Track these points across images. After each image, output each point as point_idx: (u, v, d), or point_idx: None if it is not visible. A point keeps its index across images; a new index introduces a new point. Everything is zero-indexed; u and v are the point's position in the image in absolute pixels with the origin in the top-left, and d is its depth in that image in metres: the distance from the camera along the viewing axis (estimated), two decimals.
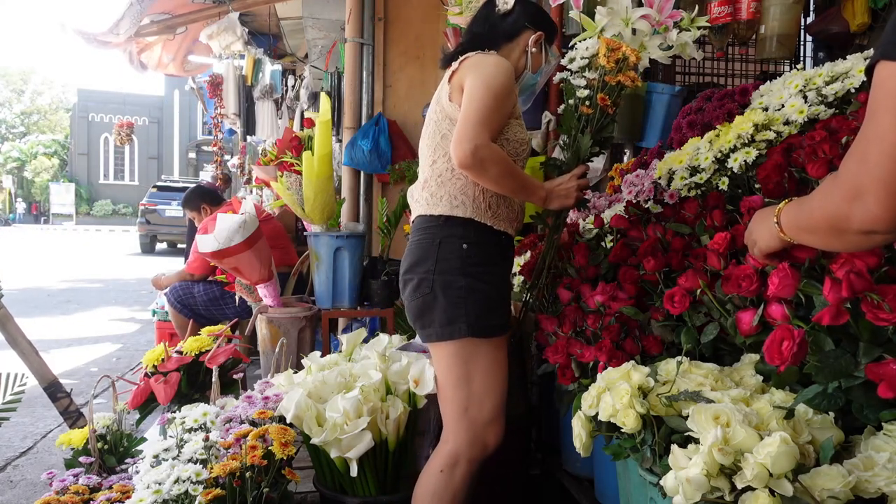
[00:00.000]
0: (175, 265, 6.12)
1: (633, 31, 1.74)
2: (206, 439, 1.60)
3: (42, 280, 9.50)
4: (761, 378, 1.25)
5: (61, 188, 30.96)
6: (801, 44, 3.24)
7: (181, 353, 2.36)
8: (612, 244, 1.81)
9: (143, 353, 2.52)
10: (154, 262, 12.02)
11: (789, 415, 1.07)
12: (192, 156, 31.48)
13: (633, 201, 1.92)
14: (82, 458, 1.87)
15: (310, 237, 2.92)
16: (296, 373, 2.01)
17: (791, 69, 1.87)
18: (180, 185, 15.74)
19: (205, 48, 5.42)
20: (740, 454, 0.98)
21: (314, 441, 1.66)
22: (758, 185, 1.50)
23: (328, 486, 1.82)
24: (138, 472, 1.58)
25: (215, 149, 6.70)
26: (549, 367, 1.79)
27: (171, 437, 1.70)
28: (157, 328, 4.20)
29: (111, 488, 1.63)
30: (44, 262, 12.55)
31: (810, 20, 3.00)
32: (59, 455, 2.73)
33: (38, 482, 2.57)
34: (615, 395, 1.22)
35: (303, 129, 3.24)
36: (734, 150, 1.61)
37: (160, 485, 1.44)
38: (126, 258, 14.11)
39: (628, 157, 2.81)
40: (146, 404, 2.24)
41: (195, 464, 1.53)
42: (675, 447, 1.07)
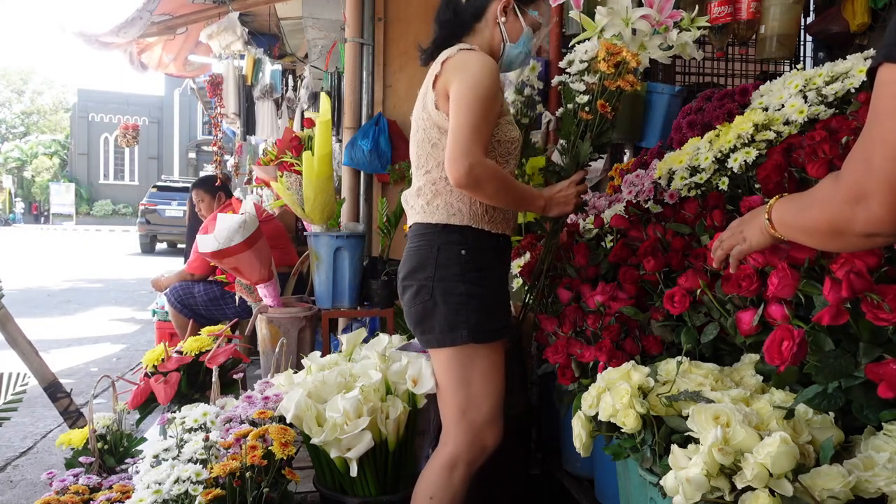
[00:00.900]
0: (175, 265, 6.13)
1: (633, 31, 1.74)
2: (206, 439, 1.60)
3: (42, 280, 9.50)
4: (761, 378, 1.25)
5: (61, 188, 30.95)
6: (801, 44, 3.24)
7: (181, 353, 2.36)
8: (612, 244, 1.81)
9: (143, 353, 2.52)
10: (154, 262, 12.03)
11: (789, 415, 1.07)
12: (192, 156, 31.48)
13: (633, 201, 1.92)
14: (82, 458, 1.87)
15: (310, 237, 2.91)
16: (296, 373, 2.01)
17: (791, 69, 1.87)
18: (180, 185, 15.74)
19: (205, 48, 5.42)
20: (740, 454, 0.98)
21: (314, 441, 1.66)
22: (758, 185, 1.50)
23: (328, 486, 1.82)
24: (138, 472, 1.58)
25: (215, 149, 6.70)
26: (549, 367, 1.80)
27: (171, 437, 1.70)
28: (157, 328, 4.20)
29: (111, 488, 1.63)
30: (44, 262, 12.55)
31: (810, 20, 3.01)
32: (59, 455, 2.73)
33: (38, 482, 2.57)
34: (615, 395, 1.22)
35: (303, 129, 3.24)
36: (734, 150, 1.61)
37: (160, 485, 1.44)
38: (126, 258, 14.11)
39: (628, 157, 2.81)
40: (146, 404, 2.24)
41: (195, 464, 1.53)
42: (675, 447, 1.07)
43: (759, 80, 2.03)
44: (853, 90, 1.59)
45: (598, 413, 1.25)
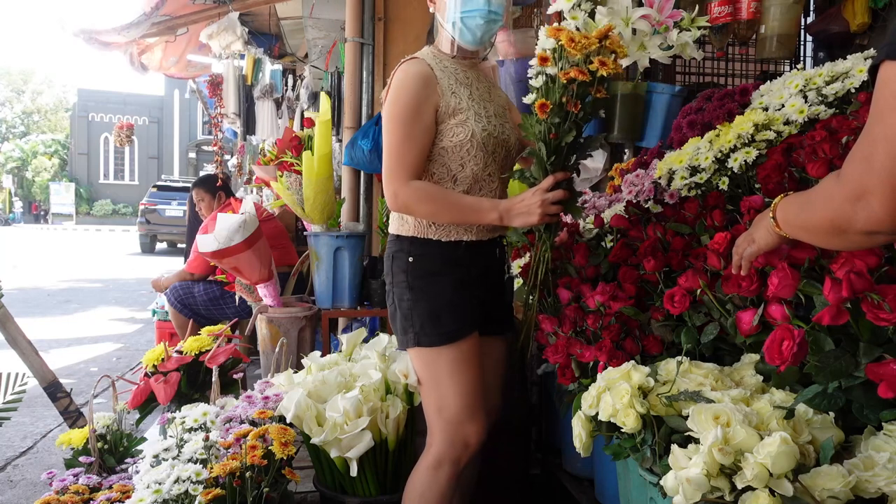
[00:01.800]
0: (175, 265, 6.12)
1: (634, 31, 1.73)
2: (206, 439, 1.60)
3: (42, 280, 9.50)
4: (761, 378, 1.25)
5: (61, 188, 30.95)
6: (801, 44, 3.23)
7: (181, 352, 2.36)
8: (612, 244, 1.81)
9: (143, 353, 2.52)
10: (154, 262, 12.04)
11: (789, 415, 1.07)
12: (192, 156, 31.50)
13: (633, 201, 1.92)
14: (82, 458, 1.87)
15: (310, 237, 2.91)
16: (296, 373, 2.01)
17: (791, 69, 1.87)
18: (180, 184, 15.74)
19: (205, 48, 5.42)
20: (740, 454, 0.98)
21: (314, 441, 1.66)
22: (758, 185, 1.50)
23: (328, 486, 1.82)
24: (138, 472, 1.58)
25: (215, 149, 6.70)
26: (549, 367, 1.80)
27: (171, 436, 1.70)
28: (157, 328, 4.20)
29: (111, 488, 1.63)
30: (44, 262, 12.55)
31: (810, 20, 3.00)
32: (59, 455, 2.73)
33: (38, 482, 2.57)
34: (615, 395, 1.22)
35: (303, 129, 3.24)
36: (734, 149, 1.61)
37: (160, 485, 1.44)
38: (126, 258, 14.11)
39: (628, 157, 2.81)
40: (146, 404, 2.24)
41: (195, 464, 1.53)
42: (675, 447, 1.07)
43: (760, 80, 2.03)
44: (853, 90, 1.59)
45: (598, 413, 1.25)
